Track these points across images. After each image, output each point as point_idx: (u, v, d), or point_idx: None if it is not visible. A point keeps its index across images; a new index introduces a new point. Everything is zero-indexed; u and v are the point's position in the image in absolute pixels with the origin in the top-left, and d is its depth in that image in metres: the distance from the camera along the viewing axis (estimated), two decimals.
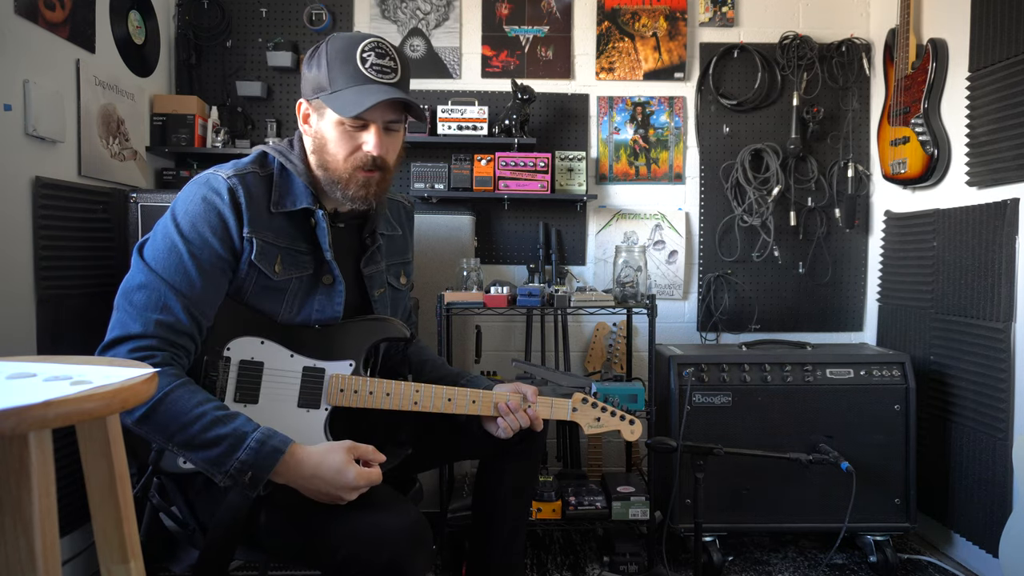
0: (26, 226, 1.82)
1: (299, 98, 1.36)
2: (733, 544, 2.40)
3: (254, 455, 1.12)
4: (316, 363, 1.32)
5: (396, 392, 1.36)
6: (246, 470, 1.11)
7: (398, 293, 1.57)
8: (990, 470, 2.09)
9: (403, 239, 1.61)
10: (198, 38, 2.71)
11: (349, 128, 1.28)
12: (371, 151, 1.29)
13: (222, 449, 1.12)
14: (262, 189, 1.30)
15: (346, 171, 1.30)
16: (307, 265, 1.33)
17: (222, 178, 1.26)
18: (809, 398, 2.25)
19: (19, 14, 1.78)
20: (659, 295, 2.82)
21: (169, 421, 1.12)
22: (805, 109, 2.77)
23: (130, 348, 1.15)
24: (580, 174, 2.77)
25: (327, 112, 1.29)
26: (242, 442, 1.12)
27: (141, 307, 1.18)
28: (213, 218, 1.23)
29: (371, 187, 1.32)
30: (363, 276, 1.44)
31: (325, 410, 1.32)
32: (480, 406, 1.42)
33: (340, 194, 1.32)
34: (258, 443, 1.13)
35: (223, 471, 1.12)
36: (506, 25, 2.80)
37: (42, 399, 0.70)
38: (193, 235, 1.22)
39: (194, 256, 1.21)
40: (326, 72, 1.27)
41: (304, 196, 1.33)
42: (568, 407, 1.49)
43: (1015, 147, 2.01)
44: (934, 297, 2.36)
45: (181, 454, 1.16)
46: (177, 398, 1.13)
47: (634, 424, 1.53)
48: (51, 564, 0.74)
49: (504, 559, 1.61)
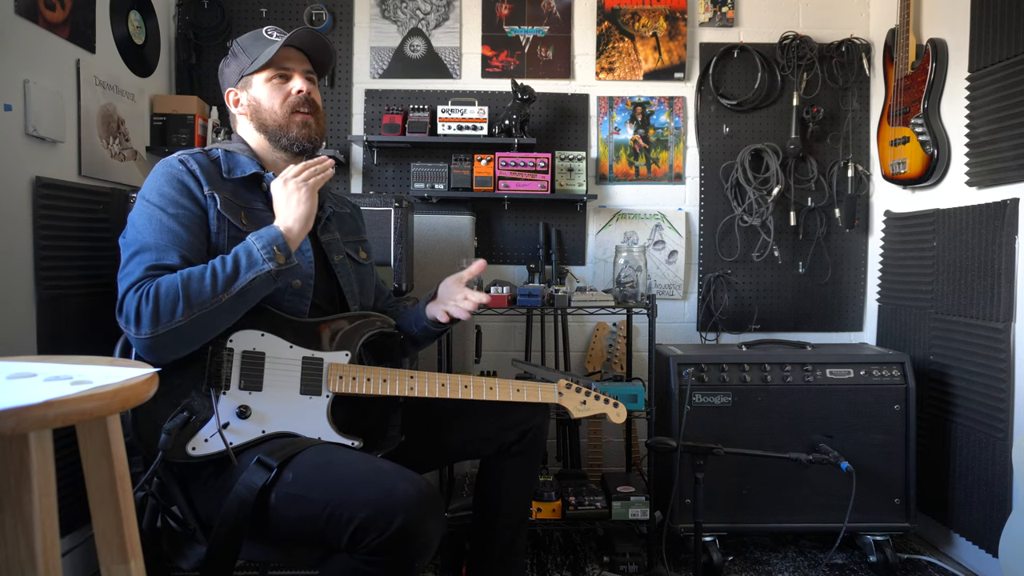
0: (26, 226, 1.82)
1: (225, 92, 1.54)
2: (733, 544, 2.40)
3: (266, 239, 1.30)
4: (314, 353, 1.39)
5: (392, 379, 1.44)
6: (272, 251, 1.29)
7: (361, 267, 1.63)
8: (990, 470, 2.09)
9: (352, 219, 1.71)
10: (198, 38, 2.71)
11: (276, 82, 1.47)
12: (301, 88, 1.47)
13: (244, 257, 1.28)
14: (211, 164, 1.43)
15: (284, 116, 1.46)
16: (269, 219, 1.41)
17: (173, 158, 1.41)
18: (809, 398, 2.25)
19: (19, 14, 1.78)
20: (659, 295, 2.82)
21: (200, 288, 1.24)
22: (805, 109, 2.77)
23: (134, 289, 1.25)
24: (580, 174, 2.77)
25: (253, 80, 1.48)
26: (250, 247, 1.29)
27: (140, 263, 1.28)
28: (175, 183, 1.36)
29: (310, 127, 1.48)
30: (321, 243, 1.52)
31: (327, 397, 1.39)
32: (473, 391, 1.50)
33: (285, 140, 1.47)
34: (257, 237, 1.31)
35: (260, 260, 1.28)
36: (506, 25, 2.80)
37: (42, 399, 0.70)
38: (164, 201, 1.34)
39: (171, 215, 1.33)
40: (243, 53, 1.49)
41: (250, 164, 1.46)
42: (555, 391, 1.57)
43: (1015, 147, 2.01)
44: (934, 297, 2.36)
45: (232, 295, 1.26)
46: (186, 276, 1.25)
47: (618, 407, 1.62)
48: (51, 564, 0.74)
49: (504, 559, 1.61)
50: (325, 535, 1.17)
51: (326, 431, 1.36)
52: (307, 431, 1.35)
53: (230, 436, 1.29)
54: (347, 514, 1.15)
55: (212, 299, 1.24)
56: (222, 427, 1.28)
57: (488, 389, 1.50)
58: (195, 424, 1.28)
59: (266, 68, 1.46)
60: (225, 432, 1.28)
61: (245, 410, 1.31)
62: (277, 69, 1.47)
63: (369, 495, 1.16)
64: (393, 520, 1.12)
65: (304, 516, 1.19)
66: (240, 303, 1.28)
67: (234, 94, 1.51)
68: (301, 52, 1.52)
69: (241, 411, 1.31)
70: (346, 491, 1.17)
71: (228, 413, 1.30)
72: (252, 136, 1.51)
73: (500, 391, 1.50)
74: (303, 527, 1.20)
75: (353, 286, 1.55)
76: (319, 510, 1.17)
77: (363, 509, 1.14)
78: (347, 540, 1.15)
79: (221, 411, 1.30)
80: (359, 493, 1.16)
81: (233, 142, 1.52)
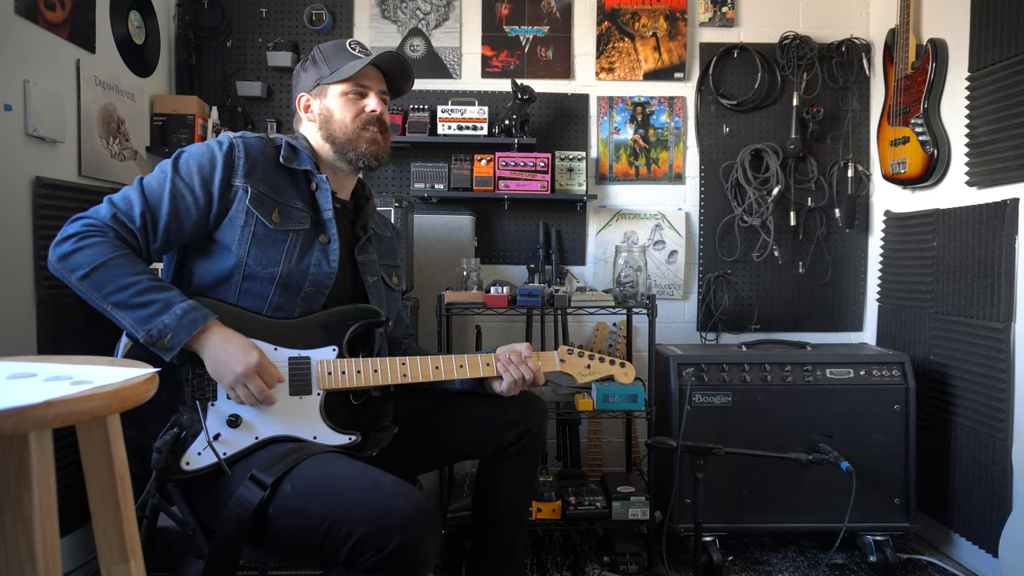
0: (26, 226, 1.82)
1: (297, 96, 1.54)
2: (733, 544, 2.40)
3: (177, 320, 1.24)
4: (300, 352, 1.37)
5: (383, 368, 1.42)
6: (167, 332, 1.23)
7: (391, 292, 1.62)
8: (990, 470, 2.09)
9: (391, 242, 1.70)
10: (198, 38, 2.71)
11: (352, 96, 1.47)
12: (375, 108, 1.48)
13: (151, 311, 1.23)
14: (267, 151, 1.42)
15: (355, 131, 1.47)
16: (304, 221, 1.42)
17: (231, 135, 1.41)
18: (809, 398, 2.25)
19: (19, 14, 1.78)
20: (659, 295, 2.82)
21: (108, 281, 1.23)
22: (805, 109, 2.77)
23: (85, 222, 1.27)
24: (580, 174, 2.77)
25: (329, 90, 1.48)
26: (170, 307, 1.24)
27: (113, 201, 1.32)
28: (206, 161, 1.36)
29: (379, 144, 1.49)
30: (357, 263, 1.51)
31: (318, 395, 1.37)
32: (469, 369, 1.47)
33: (352, 154, 1.47)
34: (183, 311, 1.25)
35: (146, 329, 1.23)
36: (506, 25, 2.80)
37: (42, 399, 0.70)
38: (184, 169, 1.35)
39: (175, 186, 1.33)
40: (324, 63, 1.49)
41: (308, 161, 1.46)
42: (555, 359, 1.54)
43: (1015, 147, 2.01)
44: (934, 297, 2.36)
45: (111, 312, 1.24)
46: (119, 263, 1.25)
47: (625, 367, 1.57)
48: (51, 564, 0.74)
49: (504, 559, 1.61)
50: (322, 549, 1.17)
51: (321, 429, 1.36)
52: (302, 432, 1.34)
53: (223, 447, 1.28)
54: (345, 530, 1.14)
55: (103, 295, 1.23)
56: (213, 439, 1.27)
57: (485, 366, 1.48)
58: (186, 439, 1.27)
59: (345, 82, 1.46)
60: (217, 443, 1.28)
61: (236, 419, 1.30)
62: (355, 85, 1.47)
63: (367, 511, 1.15)
64: (391, 538, 1.12)
65: (302, 528, 1.19)
66: (105, 315, 1.26)
67: (306, 99, 1.51)
68: (379, 71, 1.52)
69: (232, 420, 1.30)
70: (344, 506, 1.17)
71: (218, 424, 1.30)
72: (316, 141, 1.50)
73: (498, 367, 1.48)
74: (301, 539, 1.20)
75: (383, 310, 1.53)
76: (317, 524, 1.17)
77: (361, 526, 1.13)
78: (344, 556, 1.14)
79: (211, 423, 1.29)
80: (357, 509, 1.16)
81: (299, 139, 1.51)
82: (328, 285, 1.42)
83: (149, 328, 1.22)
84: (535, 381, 1.50)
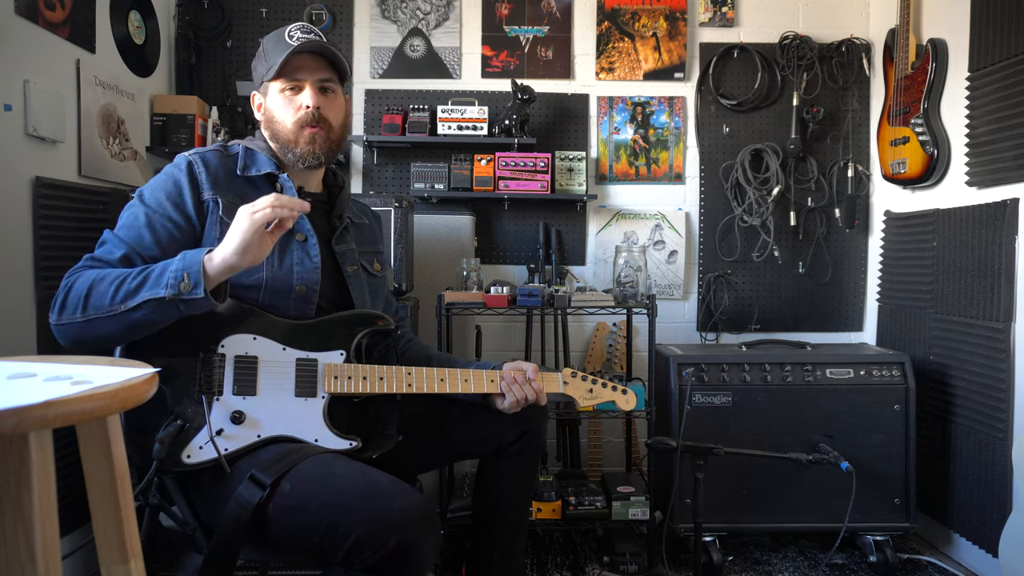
0: (26, 226, 1.82)
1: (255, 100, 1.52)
2: (733, 544, 2.40)
3: (182, 262, 1.21)
4: (308, 354, 1.37)
5: (389, 376, 1.42)
6: (180, 274, 1.19)
7: (374, 279, 1.61)
8: (990, 470, 2.09)
9: (371, 229, 1.69)
10: (198, 38, 2.71)
11: (288, 93, 1.43)
12: (309, 104, 1.42)
13: (155, 275, 1.21)
14: (225, 162, 1.42)
15: (292, 132, 1.43)
16: None
17: (185, 155, 1.40)
18: (809, 398, 2.25)
19: (19, 14, 1.78)
20: (659, 295, 2.82)
21: (103, 293, 1.21)
22: (805, 109, 2.77)
23: (64, 279, 1.26)
24: (580, 174, 2.77)
25: (269, 88, 1.45)
26: (167, 265, 1.22)
27: (92, 256, 1.30)
28: (171, 186, 1.35)
29: (316, 143, 1.44)
30: (335, 253, 1.50)
31: (322, 398, 1.37)
32: (473, 384, 1.47)
33: (291, 155, 1.44)
34: (180, 257, 1.23)
35: (163, 283, 1.19)
36: (506, 25, 2.80)
37: (42, 399, 0.70)
38: (151, 201, 1.34)
39: (147, 217, 1.32)
40: (264, 59, 1.45)
41: (267, 164, 1.45)
42: (559, 380, 1.55)
43: (1015, 147, 2.01)
44: (934, 297, 2.36)
45: (127, 311, 1.20)
46: (103, 276, 1.23)
47: (627, 394, 1.57)
48: (51, 564, 0.74)
49: (504, 559, 1.61)
50: (321, 548, 1.17)
51: (323, 433, 1.35)
52: (304, 434, 1.34)
53: (225, 442, 1.28)
54: (343, 529, 1.14)
55: (108, 307, 1.20)
56: (215, 434, 1.27)
57: (490, 382, 1.48)
58: (189, 432, 1.27)
59: (279, 78, 1.42)
60: (220, 438, 1.27)
61: (239, 415, 1.30)
62: (289, 80, 1.42)
63: (366, 511, 1.15)
64: (389, 539, 1.12)
65: (301, 528, 1.19)
66: (132, 322, 1.21)
67: (257, 98, 1.50)
68: (322, 57, 1.45)
69: (235, 416, 1.30)
70: (343, 506, 1.17)
71: (222, 419, 1.29)
72: (267, 135, 1.49)
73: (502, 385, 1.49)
74: (300, 538, 1.20)
75: (365, 298, 1.53)
76: (315, 523, 1.17)
77: (360, 526, 1.13)
78: (343, 556, 1.14)
79: (215, 417, 1.29)
80: (356, 509, 1.16)
81: (256, 139, 1.50)
82: (316, 281, 1.42)
83: (164, 283, 1.19)
84: (537, 402, 1.50)
